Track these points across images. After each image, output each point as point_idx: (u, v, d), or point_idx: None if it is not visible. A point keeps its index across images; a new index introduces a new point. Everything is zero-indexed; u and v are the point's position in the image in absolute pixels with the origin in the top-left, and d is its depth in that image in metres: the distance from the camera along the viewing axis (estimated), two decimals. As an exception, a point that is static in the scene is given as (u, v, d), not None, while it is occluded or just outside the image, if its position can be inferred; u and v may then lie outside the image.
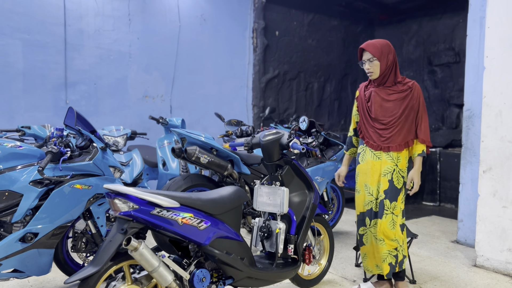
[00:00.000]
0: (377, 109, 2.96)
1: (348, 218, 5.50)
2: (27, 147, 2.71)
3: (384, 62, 2.88)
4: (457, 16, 7.83)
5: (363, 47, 2.92)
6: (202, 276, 2.33)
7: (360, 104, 3.09)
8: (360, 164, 3.08)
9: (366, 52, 2.91)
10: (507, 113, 3.55)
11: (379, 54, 2.87)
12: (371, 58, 2.88)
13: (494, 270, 3.64)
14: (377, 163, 2.97)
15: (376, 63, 2.88)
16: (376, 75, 2.92)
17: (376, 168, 2.98)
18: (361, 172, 3.07)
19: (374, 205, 3.00)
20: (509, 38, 3.55)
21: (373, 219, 3.01)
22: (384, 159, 2.95)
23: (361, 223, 3.08)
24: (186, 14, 6.51)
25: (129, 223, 2.13)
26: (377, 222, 2.97)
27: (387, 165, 2.94)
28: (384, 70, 2.90)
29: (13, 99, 5.17)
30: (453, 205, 6.22)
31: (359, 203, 3.09)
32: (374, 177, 2.98)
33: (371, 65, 2.89)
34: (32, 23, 5.23)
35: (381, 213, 2.95)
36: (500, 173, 3.58)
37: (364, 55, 2.93)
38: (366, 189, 3.02)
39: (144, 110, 6.13)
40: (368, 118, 3.02)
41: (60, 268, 3.05)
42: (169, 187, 3.59)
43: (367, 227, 3.05)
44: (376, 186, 2.98)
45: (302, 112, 8.00)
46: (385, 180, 2.94)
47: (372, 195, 3.00)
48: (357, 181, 3.11)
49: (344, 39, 8.70)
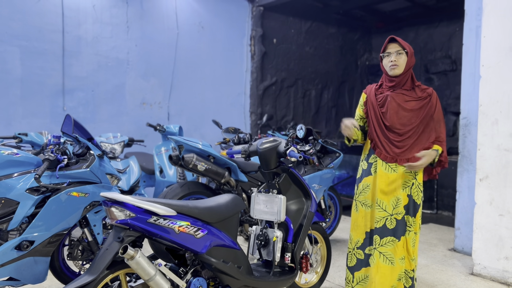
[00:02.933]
0: (393, 116, 2.70)
1: (346, 225, 5.49)
2: (24, 154, 2.70)
3: (410, 60, 2.67)
4: (454, 24, 7.89)
5: (394, 37, 2.69)
6: (198, 285, 2.32)
7: (370, 109, 2.80)
8: (372, 175, 2.77)
9: (395, 43, 2.67)
10: (503, 121, 3.57)
11: (408, 48, 2.67)
12: (400, 50, 2.65)
13: (491, 278, 3.63)
14: (392, 176, 2.69)
15: (404, 57, 2.66)
16: (400, 71, 2.67)
17: (391, 182, 2.69)
18: (373, 185, 2.77)
19: (388, 222, 2.70)
20: (504, 47, 3.57)
21: (385, 237, 2.69)
22: (401, 172, 2.68)
23: (368, 242, 2.77)
24: (184, 22, 6.53)
25: (125, 232, 2.12)
26: (393, 241, 2.68)
27: (405, 179, 2.68)
28: (407, 69, 2.68)
29: (10, 106, 5.16)
30: (450, 212, 6.22)
31: (370, 219, 2.77)
32: (389, 192, 2.69)
33: (398, 57, 2.64)
34: (30, 30, 5.24)
35: (403, 230, 2.68)
36: (496, 181, 3.59)
37: (391, 47, 2.68)
38: (378, 204, 2.73)
39: (141, 117, 6.13)
40: (382, 126, 2.73)
41: (56, 276, 3.03)
42: (166, 195, 3.58)
43: (375, 247, 2.73)
44: (391, 201, 2.69)
45: (299, 119, 8.01)
46: (405, 195, 2.68)
47: (385, 211, 2.70)
48: (365, 193, 2.82)
49: (341, 47, 8.75)
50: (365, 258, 2.79)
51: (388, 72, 2.71)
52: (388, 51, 2.68)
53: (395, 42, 2.68)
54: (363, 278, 2.80)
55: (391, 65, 2.66)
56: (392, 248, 2.69)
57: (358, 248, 2.80)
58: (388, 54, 2.68)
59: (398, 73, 2.68)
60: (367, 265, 2.78)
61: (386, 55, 2.69)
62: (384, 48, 2.71)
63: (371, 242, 2.76)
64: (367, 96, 2.86)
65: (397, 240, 2.68)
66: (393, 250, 2.69)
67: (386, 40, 2.71)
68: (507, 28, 3.56)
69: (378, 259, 2.72)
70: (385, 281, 2.70)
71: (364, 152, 2.92)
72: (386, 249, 2.70)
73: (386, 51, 2.70)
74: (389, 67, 2.68)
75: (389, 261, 2.69)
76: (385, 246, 2.70)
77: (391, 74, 2.70)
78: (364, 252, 2.79)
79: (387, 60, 2.69)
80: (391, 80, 2.73)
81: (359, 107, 2.92)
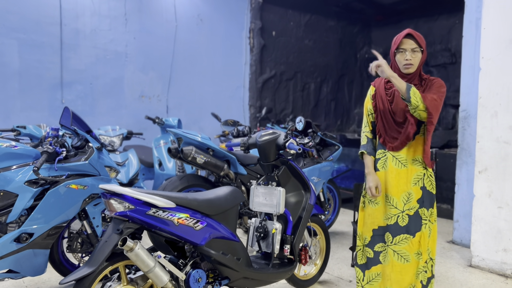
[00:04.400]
0: (401, 112, 2.55)
1: (345, 218, 5.51)
2: (22, 147, 2.70)
3: (424, 57, 2.50)
4: (453, 17, 7.86)
5: (411, 33, 2.45)
6: (198, 277, 2.32)
7: (380, 103, 2.65)
8: (380, 171, 2.65)
9: (412, 40, 2.45)
10: (502, 114, 3.56)
11: (425, 46, 2.48)
12: (416, 48, 2.44)
13: (490, 270, 3.65)
14: (402, 171, 2.57)
15: (419, 55, 2.46)
16: (414, 69, 2.48)
17: (401, 177, 2.57)
18: (381, 181, 2.63)
19: (400, 219, 2.58)
20: (504, 40, 3.56)
21: (398, 235, 2.58)
22: (411, 166, 2.56)
23: (379, 239, 2.65)
24: (182, 14, 6.50)
25: (124, 224, 2.12)
26: (407, 238, 2.57)
27: (416, 172, 2.57)
28: (420, 66, 2.52)
29: (8, 99, 5.15)
30: (449, 205, 6.23)
31: (378, 216, 2.65)
32: (399, 187, 2.58)
33: (413, 56, 2.45)
34: (28, 22, 5.21)
35: (418, 225, 2.56)
36: (495, 173, 3.60)
37: (407, 43, 2.45)
38: (388, 201, 2.61)
39: (140, 110, 6.12)
40: (391, 122, 2.60)
41: (56, 268, 3.04)
42: (165, 187, 3.58)
43: (388, 244, 2.61)
44: (402, 197, 2.58)
45: (298, 113, 8.00)
46: (417, 189, 2.56)
47: (396, 208, 2.58)
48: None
49: (340, 40, 8.72)
50: (374, 256, 2.67)
51: (401, 70, 2.52)
52: (403, 47, 2.46)
53: (411, 38, 2.45)
54: (374, 276, 2.68)
55: (406, 64, 2.47)
56: (406, 246, 2.58)
57: (366, 246, 2.72)
58: (402, 50, 2.46)
59: (412, 71, 2.49)
60: (377, 263, 2.66)
61: (401, 51, 2.47)
62: (399, 43, 2.47)
63: (380, 240, 2.65)
64: (376, 89, 2.70)
65: (411, 237, 2.57)
66: (407, 247, 2.58)
67: (402, 34, 2.48)
68: (507, 20, 3.54)
69: (392, 257, 2.61)
70: (401, 278, 2.59)
71: None
72: (400, 247, 2.59)
73: (401, 47, 2.46)
74: (403, 65, 2.49)
75: (404, 259, 2.59)
76: (399, 245, 2.59)
77: (405, 73, 2.51)
78: (373, 250, 2.68)
79: (402, 57, 2.47)
80: (402, 76, 2.53)
81: (368, 100, 2.74)
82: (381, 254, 2.65)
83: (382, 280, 2.65)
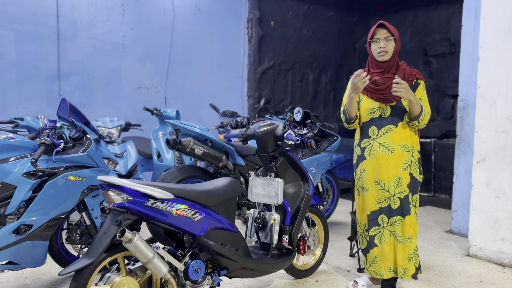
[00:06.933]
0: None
1: (343, 208, 5.52)
2: (20, 138, 2.69)
3: (397, 45, 2.69)
4: (452, 6, 7.81)
5: (383, 23, 2.68)
6: (196, 267, 2.33)
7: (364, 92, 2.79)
8: (367, 159, 2.79)
9: (384, 29, 2.67)
10: (501, 104, 3.56)
11: (397, 34, 2.69)
12: (388, 36, 2.65)
13: (487, 259, 3.67)
14: (390, 157, 2.72)
15: (392, 43, 2.67)
16: (389, 56, 2.68)
17: (390, 163, 2.72)
18: (369, 168, 2.79)
19: (392, 202, 2.74)
20: (503, 29, 3.54)
21: (392, 216, 2.75)
22: (398, 152, 2.71)
23: (373, 223, 2.81)
24: (180, 4, 6.45)
25: (123, 215, 2.13)
26: (400, 220, 2.74)
27: (404, 158, 2.71)
28: (394, 54, 2.70)
29: (6, 91, 5.12)
30: (447, 195, 6.26)
31: (369, 202, 2.81)
32: (389, 172, 2.72)
33: (386, 43, 2.65)
34: (24, 13, 5.17)
35: (407, 209, 2.73)
36: (493, 163, 3.60)
37: (379, 33, 2.67)
38: (378, 186, 2.76)
39: (138, 101, 6.10)
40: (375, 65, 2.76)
41: (55, 259, 3.05)
42: (163, 179, 3.58)
43: (384, 226, 2.78)
44: (392, 181, 2.72)
45: (297, 103, 7.99)
46: (406, 174, 2.72)
47: (387, 191, 2.74)
48: (363, 178, 2.83)
49: (339, 30, 8.68)
50: (370, 240, 2.84)
51: (376, 58, 2.72)
52: (376, 37, 2.68)
53: (383, 27, 2.68)
54: (373, 258, 2.84)
55: (380, 52, 2.67)
56: (399, 227, 2.75)
57: (366, 231, 2.87)
58: (376, 40, 2.68)
59: (386, 59, 2.69)
60: (373, 246, 2.82)
61: (375, 40, 2.68)
62: (373, 33, 2.70)
63: (374, 224, 2.80)
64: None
65: (403, 219, 2.74)
66: (400, 229, 2.75)
67: (375, 26, 2.70)
68: (506, 9, 3.52)
69: (389, 237, 2.78)
70: (400, 257, 2.77)
71: (356, 138, 2.91)
72: (395, 228, 2.76)
73: (375, 37, 2.69)
74: (377, 53, 2.69)
75: (398, 240, 2.76)
76: (394, 225, 2.76)
77: (379, 60, 2.71)
78: (369, 235, 2.85)
79: (376, 46, 2.69)
80: (378, 65, 2.73)
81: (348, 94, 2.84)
82: (376, 237, 2.81)
83: (382, 261, 2.81)
